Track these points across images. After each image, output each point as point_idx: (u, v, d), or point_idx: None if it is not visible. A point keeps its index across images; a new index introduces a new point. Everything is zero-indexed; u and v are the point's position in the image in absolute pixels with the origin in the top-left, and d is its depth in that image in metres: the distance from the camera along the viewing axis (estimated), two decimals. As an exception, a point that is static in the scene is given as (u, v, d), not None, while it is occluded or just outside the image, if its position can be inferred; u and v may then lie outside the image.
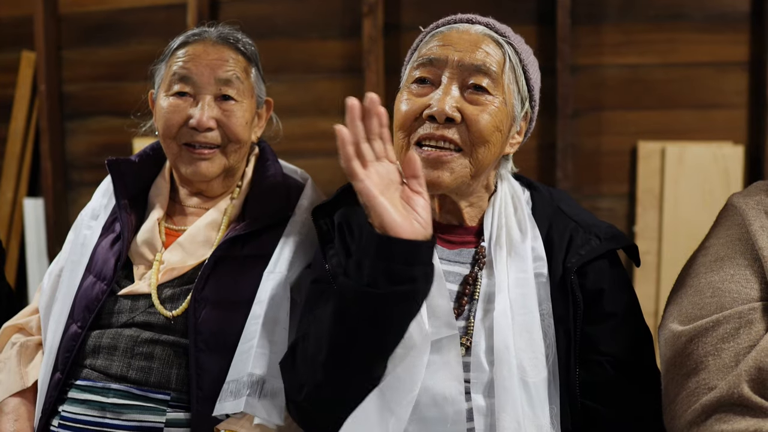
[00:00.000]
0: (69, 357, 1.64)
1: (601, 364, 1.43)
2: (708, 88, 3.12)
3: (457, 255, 1.51)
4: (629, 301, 1.51)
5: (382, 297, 1.25)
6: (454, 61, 1.42)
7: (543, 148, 3.23)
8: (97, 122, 3.73)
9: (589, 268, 1.47)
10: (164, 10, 3.57)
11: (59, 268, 1.81)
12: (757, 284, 1.28)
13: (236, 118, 1.71)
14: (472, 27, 1.48)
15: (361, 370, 1.33)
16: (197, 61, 1.70)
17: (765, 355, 1.18)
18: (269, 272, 1.63)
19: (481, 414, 1.37)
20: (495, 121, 1.41)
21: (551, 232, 1.51)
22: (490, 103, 1.42)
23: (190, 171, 1.72)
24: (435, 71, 1.44)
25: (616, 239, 1.53)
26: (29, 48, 3.77)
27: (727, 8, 3.08)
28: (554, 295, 1.45)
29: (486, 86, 1.42)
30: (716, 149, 3.07)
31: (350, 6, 3.37)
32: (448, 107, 1.39)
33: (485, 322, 1.42)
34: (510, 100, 1.45)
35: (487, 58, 1.43)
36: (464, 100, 1.42)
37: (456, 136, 1.40)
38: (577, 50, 3.16)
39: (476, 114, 1.40)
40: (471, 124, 1.40)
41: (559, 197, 1.62)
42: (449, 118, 1.39)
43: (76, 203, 3.75)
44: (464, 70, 1.42)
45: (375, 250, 1.26)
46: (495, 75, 1.42)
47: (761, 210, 1.36)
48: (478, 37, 1.45)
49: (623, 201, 3.22)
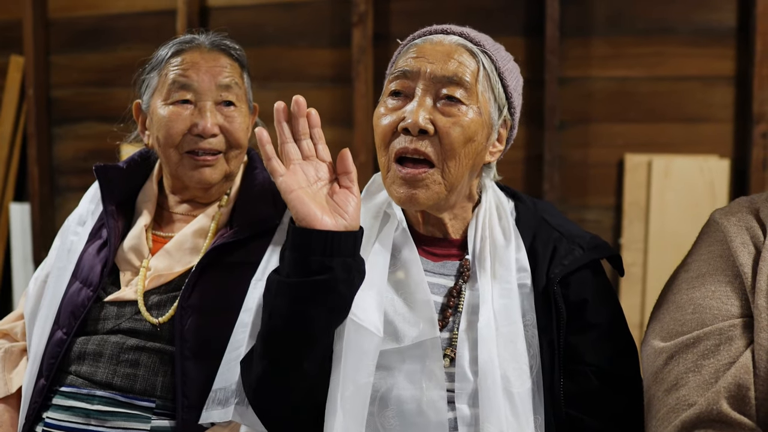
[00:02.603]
0: (54, 363, 1.63)
1: (586, 375, 1.43)
2: (695, 101, 3.14)
3: (441, 267, 1.52)
4: (613, 311, 1.52)
5: (298, 286, 1.30)
6: (427, 72, 1.42)
7: (530, 159, 3.24)
8: (84, 128, 3.73)
9: (572, 279, 1.48)
10: (153, 17, 3.57)
11: (45, 273, 1.80)
12: (737, 301, 1.28)
13: (238, 123, 1.72)
14: (446, 38, 1.47)
15: (293, 364, 1.35)
16: (197, 68, 1.69)
17: (744, 372, 1.19)
18: (257, 280, 1.62)
19: (465, 424, 1.38)
20: (468, 132, 1.41)
21: (535, 243, 1.52)
22: (464, 114, 1.41)
23: (194, 178, 1.72)
24: (409, 84, 1.44)
25: (599, 249, 1.53)
26: (18, 52, 3.77)
27: (714, 23, 3.11)
28: (538, 306, 1.46)
29: (459, 97, 1.41)
30: (702, 162, 3.09)
31: (340, 15, 3.38)
32: (421, 119, 1.39)
33: (469, 333, 1.43)
34: (486, 108, 1.45)
35: (460, 68, 1.42)
36: (437, 112, 1.41)
37: (429, 149, 1.41)
38: (565, 62, 3.18)
39: (448, 126, 1.40)
40: (443, 137, 1.40)
41: (543, 208, 1.62)
42: (422, 130, 1.40)
43: (62, 208, 3.74)
44: (437, 82, 1.42)
45: (292, 242, 1.32)
46: (468, 85, 1.42)
47: (742, 226, 1.36)
48: (452, 47, 1.45)
49: (609, 213, 3.24)
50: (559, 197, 3.18)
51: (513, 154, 3.17)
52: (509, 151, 1.60)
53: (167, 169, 1.76)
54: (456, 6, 3.25)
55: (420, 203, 1.44)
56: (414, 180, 1.42)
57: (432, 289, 1.47)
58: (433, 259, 1.52)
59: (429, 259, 1.52)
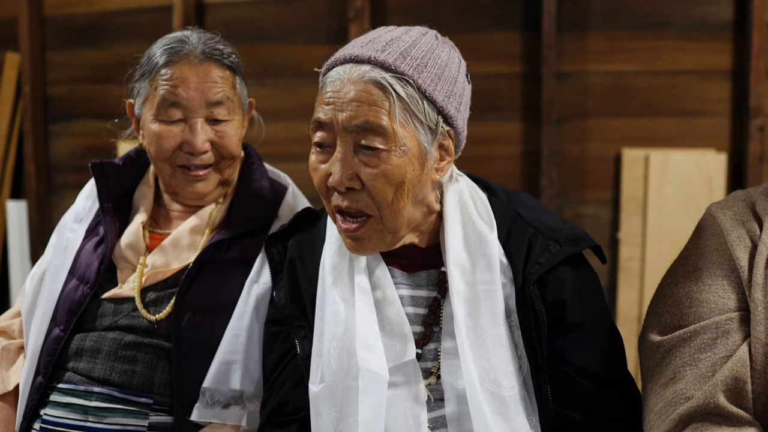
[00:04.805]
0: (51, 360, 1.63)
1: (570, 375, 1.40)
2: (692, 95, 3.15)
3: (417, 278, 1.49)
4: (595, 307, 1.47)
5: None
6: (339, 123, 1.35)
7: (527, 154, 3.24)
8: (81, 125, 3.72)
9: (549, 278, 1.43)
10: (149, 13, 3.56)
11: (42, 271, 1.80)
12: (734, 294, 1.28)
13: (229, 137, 1.71)
14: (356, 69, 1.36)
15: None
16: (186, 86, 1.66)
17: (741, 365, 1.19)
18: (252, 281, 1.61)
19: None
20: (394, 179, 1.35)
21: (509, 242, 1.47)
22: (385, 162, 1.34)
23: (188, 191, 1.72)
24: (328, 135, 1.38)
25: (577, 242, 1.47)
26: (14, 49, 3.76)
27: (710, 17, 3.10)
28: (519, 307, 1.42)
29: (377, 145, 1.34)
30: (699, 156, 3.09)
31: (337, 11, 3.38)
32: (345, 178, 1.35)
33: (452, 344, 1.40)
34: (412, 141, 1.36)
35: (371, 113, 1.33)
36: (360, 163, 1.35)
37: (361, 203, 1.38)
38: (561, 57, 3.17)
39: (371, 179, 1.35)
40: (370, 190, 1.36)
41: (517, 201, 1.56)
42: (349, 187, 1.37)
43: (59, 206, 3.73)
44: (352, 132, 1.35)
45: None
46: (383, 129, 1.33)
47: (738, 220, 1.36)
48: (360, 87, 1.34)
49: (607, 207, 3.24)
50: (557, 192, 3.18)
51: (510, 150, 3.18)
52: (506, 147, 1.58)
53: (161, 179, 1.76)
54: (452, 1, 3.24)
55: (371, 250, 1.43)
56: (355, 235, 1.40)
57: (412, 302, 1.46)
58: (408, 271, 1.49)
59: (403, 270, 1.49)
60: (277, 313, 1.51)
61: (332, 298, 1.43)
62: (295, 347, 1.46)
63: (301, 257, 1.53)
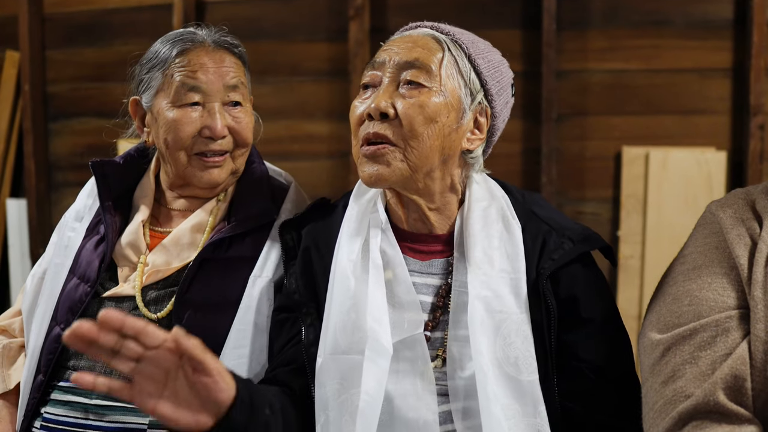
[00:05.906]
0: (52, 359, 1.63)
1: (581, 371, 1.43)
2: (691, 93, 3.15)
3: (428, 266, 1.51)
4: (605, 305, 1.51)
5: None
6: (392, 61, 1.47)
7: (527, 152, 3.24)
8: (81, 123, 3.72)
9: (562, 274, 1.47)
10: (149, 11, 3.57)
11: (42, 269, 1.80)
12: (733, 292, 1.28)
13: (245, 123, 1.72)
14: (416, 30, 1.54)
15: None
16: (205, 70, 1.68)
17: (741, 363, 1.20)
18: (255, 276, 1.63)
19: (459, 419, 1.38)
20: (428, 112, 1.43)
21: (525, 237, 1.50)
22: (425, 96, 1.44)
23: (203, 179, 1.71)
24: (377, 75, 1.49)
25: (589, 241, 1.52)
26: (13, 48, 3.76)
27: (710, 15, 3.11)
28: (530, 302, 1.45)
29: (421, 81, 1.44)
30: (699, 154, 3.09)
31: (337, 9, 3.38)
32: (382, 103, 1.43)
33: (460, 331, 1.42)
34: (453, 93, 1.46)
35: (422, 54, 1.46)
36: (400, 96, 1.45)
37: (389, 131, 1.43)
38: (562, 55, 3.18)
39: (407, 107, 1.43)
40: (402, 117, 1.43)
41: (531, 200, 1.61)
42: (383, 114, 1.43)
43: (59, 204, 3.73)
44: (400, 68, 1.46)
45: None
46: (430, 68, 1.45)
47: (738, 218, 1.37)
48: (418, 38, 1.50)
49: (607, 205, 3.24)
50: (557, 190, 3.19)
51: (510, 148, 3.18)
52: (506, 145, 1.59)
53: (173, 169, 1.75)
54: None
55: (384, 179, 1.44)
56: (374, 156, 1.44)
57: (420, 290, 1.48)
58: (420, 258, 1.52)
59: (416, 258, 1.52)
60: (286, 299, 1.54)
61: (344, 274, 1.46)
62: (301, 333, 1.48)
63: (317, 246, 1.56)
